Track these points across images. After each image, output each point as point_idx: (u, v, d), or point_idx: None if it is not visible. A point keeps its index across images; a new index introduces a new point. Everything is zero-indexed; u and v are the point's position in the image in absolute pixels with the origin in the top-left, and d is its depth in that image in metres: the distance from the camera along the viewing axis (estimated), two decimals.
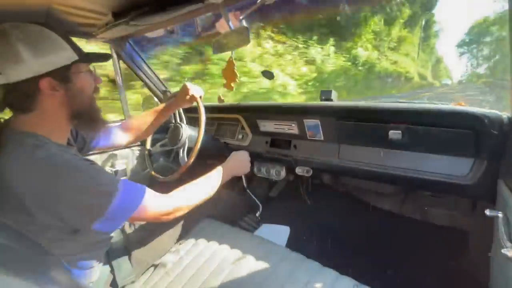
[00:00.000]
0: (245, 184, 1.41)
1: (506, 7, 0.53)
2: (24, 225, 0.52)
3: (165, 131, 1.27)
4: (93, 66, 0.70)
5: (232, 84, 1.06)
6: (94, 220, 0.54)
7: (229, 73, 1.05)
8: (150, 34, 1.20)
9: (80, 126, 0.68)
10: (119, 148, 1.43)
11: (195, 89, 1.04)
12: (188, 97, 1.03)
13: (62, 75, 0.58)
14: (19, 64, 0.53)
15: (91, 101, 0.67)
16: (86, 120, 0.66)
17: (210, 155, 1.40)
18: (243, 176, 1.42)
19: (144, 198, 0.62)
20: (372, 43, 14.17)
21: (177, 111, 1.27)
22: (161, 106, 1.06)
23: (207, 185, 0.82)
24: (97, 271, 0.70)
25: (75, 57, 0.60)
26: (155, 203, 0.65)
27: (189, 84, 1.04)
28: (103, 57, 0.69)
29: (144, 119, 1.03)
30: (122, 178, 0.79)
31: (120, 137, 0.97)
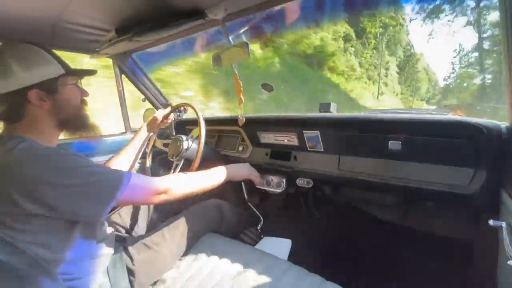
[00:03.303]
0: (246, 197, 1.40)
1: None
2: (16, 221, 0.53)
3: (165, 144, 1.28)
4: (80, 81, 0.75)
5: (241, 96, 1.07)
6: (76, 200, 0.55)
7: (237, 88, 1.06)
8: None
9: (68, 131, 0.73)
10: None
11: (161, 111, 1.18)
12: (157, 116, 1.15)
13: (49, 87, 0.64)
14: (9, 76, 0.58)
15: (78, 111, 0.73)
16: (73, 126, 0.73)
17: (212, 166, 1.40)
18: (244, 189, 1.41)
19: (131, 179, 0.64)
20: None
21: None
22: (135, 137, 1.09)
23: (202, 177, 0.86)
24: None
25: (61, 71, 0.66)
26: (143, 183, 0.68)
27: (158, 112, 1.17)
28: (89, 72, 0.74)
29: (125, 155, 1.04)
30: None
31: None
